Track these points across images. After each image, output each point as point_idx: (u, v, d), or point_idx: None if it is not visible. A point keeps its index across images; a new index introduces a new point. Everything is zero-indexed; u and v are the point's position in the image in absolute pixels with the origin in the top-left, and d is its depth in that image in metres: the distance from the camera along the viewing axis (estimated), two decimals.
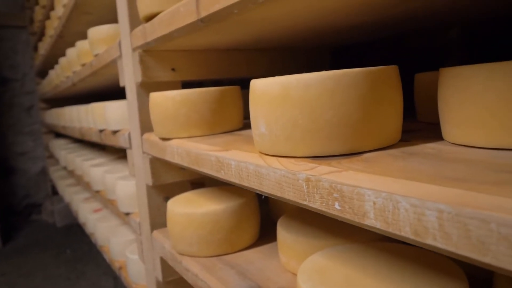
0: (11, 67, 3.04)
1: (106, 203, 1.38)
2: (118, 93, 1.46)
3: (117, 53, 0.92)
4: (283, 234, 0.61)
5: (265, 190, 0.44)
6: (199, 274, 0.65)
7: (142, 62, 0.79)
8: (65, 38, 1.77)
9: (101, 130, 1.18)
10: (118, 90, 1.06)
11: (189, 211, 0.70)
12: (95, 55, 1.19)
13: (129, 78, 0.86)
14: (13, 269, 2.15)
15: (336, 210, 0.35)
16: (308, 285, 0.43)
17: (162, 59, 0.81)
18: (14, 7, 3.08)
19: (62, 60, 1.77)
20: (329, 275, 0.44)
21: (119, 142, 1.01)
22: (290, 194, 0.40)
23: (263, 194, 0.45)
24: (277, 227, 0.63)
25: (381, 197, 0.30)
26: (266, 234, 0.76)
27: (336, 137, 0.40)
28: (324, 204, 0.36)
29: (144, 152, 0.85)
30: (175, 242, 0.73)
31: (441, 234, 0.26)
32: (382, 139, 0.42)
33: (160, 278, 0.87)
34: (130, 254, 1.17)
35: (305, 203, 0.38)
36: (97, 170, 1.46)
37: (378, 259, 0.47)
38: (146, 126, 0.85)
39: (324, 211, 0.36)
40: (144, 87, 0.83)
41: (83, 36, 1.38)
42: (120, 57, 0.91)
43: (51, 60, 2.32)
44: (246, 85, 0.53)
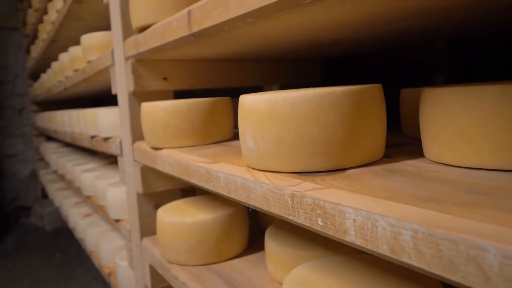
0: (3, 68, 3.03)
1: (97, 209, 1.38)
2: (109, 98, 1.47)
3: (109, 61, 0.93)
4: (271, 244, 0.62)
5: (252, 204, 0.45)
6: (188, 283, 0.66)
7: (134, 71, 0.80)
8: (58, 42, 1.77)
9: (92, 136, 1.18)
10: (110, 95, 1.07)
11: (178, 220, 0.71)
12: (88, 62, 1.19)
13: (121, 86, 0.87)
14: (0, 273, 2.13)
15: (319, 225, 0.36)
16: None
17: (154, 69, 0.82)
18: (7, 9, 3.06)
19: (55, 64, 1.77)
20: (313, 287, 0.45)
21: (111, 149, 1.02)
22: (276, 209, 0.41)
23: (251, 207, 0.46)
24: (265, 237, 0.65)
25: (361, 215, 0.31)
26: (254, 243, 0.78)
27: (320, 154, 0.41)
28: (308, 219, 0.37)
29: (135, 160, 0.86)
30: (165, 250, 0.74)
31: (415, 253, 0.27)
32: (365, 156, 0.43)
33: (149, 285, 0.88)
34: (119, 260, 1.17)
35: (290, 218, 0.39)
36: (88, 176, 1.46)
37: (362, 272, 0.48)
38: (137, 134, 0.85)
39: (308, 226, 0.38)
40: (136, 96, 0.84)
41: (76, 41, 1.38)
42: (112, 65, 0.92)
43: (44, 63, 2.31)
44: (238, 93, 0.54)
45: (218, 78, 0.91)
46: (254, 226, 0.85)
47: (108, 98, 1.78)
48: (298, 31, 0.57)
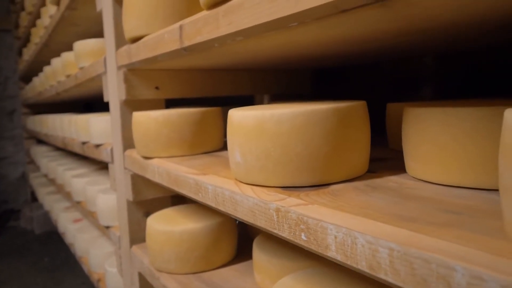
0: None
1: (87, 214, 1.38)
2: (101, 102, 1.47)
3: (102, 69, 0.94)
4: (258, 254, 0.63)
5: (239, 216, 0.46)
6: None
7: (126, 81, 0.81)
8: (50, 46, 1.77)
9: (84, 142, 1.19)
10: (101, 99, 1.07)
11: (167, 229, 0.72)
12: (80, 68, 1.20)
13: (113, 95, 0.88)
14: None
15: (302, 240, 0.37)
16: None
17: (146, 78, 0.83)
18: (0, 10, 3.05)
19: (47, 68, 1.77)
20: None
21: (102, 156, 1.03)
22: (262, 222, 0.42)
23: (238, 219, 0.47)
24: (253, 247, 0.66)
25: (341, 232, 0.33)
26: (243, 251, 0.79)
27: (306, 169, 0.42)
28: (292, 234, 0.38)
29: (125, 168, 0.87)
30: (153, 258, 0.75)
31: (391, 270, 0.29)
32: (349, 172, 0.44)
33: None
34: (109, 267, 1.18)
35: (275, 232, 0.41)
36: (78, 181, 1.46)
37: (347, 283, 0.49)
38: (128, 142, 0.86)
39: (292, 240, 0.39)
40: (127, 105, 0.85)
41: (69, 46, 1.39)
42: (105, 73, 0.93)
43: (36, 66, 2.31)
44: (230, 102, 0.56)
45: (209, 87, 0.92)
46: (243, 234, 0.86)
47: (99, 102, 1.78)
48: (287, 48, 0.58)
